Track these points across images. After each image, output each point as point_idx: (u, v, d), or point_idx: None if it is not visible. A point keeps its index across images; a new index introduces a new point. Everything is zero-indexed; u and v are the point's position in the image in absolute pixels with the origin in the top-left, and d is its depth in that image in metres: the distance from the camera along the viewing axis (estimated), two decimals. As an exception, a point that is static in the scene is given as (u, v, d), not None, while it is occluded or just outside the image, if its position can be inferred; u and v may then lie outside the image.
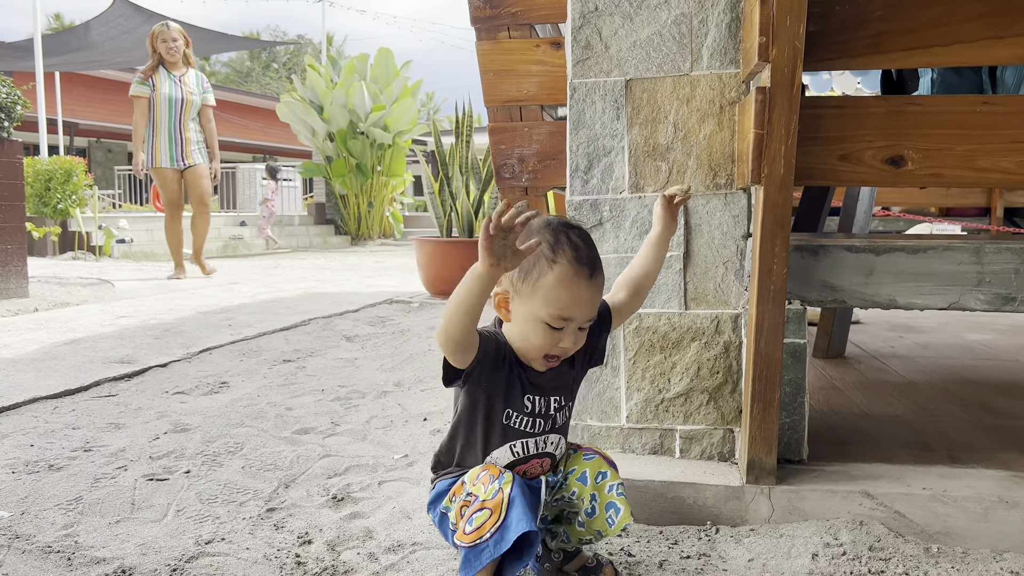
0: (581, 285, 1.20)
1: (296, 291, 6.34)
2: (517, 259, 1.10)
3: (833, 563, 1.45)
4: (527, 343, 1.23)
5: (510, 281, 1.23)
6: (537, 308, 1.20)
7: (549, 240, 1.20)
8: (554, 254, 1.20)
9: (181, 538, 1.59)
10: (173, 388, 2.86)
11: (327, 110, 14.96)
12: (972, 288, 1.62)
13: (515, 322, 1.24)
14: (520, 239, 1.12)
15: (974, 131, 1.55)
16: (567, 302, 1.19)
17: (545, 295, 1.19)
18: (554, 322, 1.20)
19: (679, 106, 1.74)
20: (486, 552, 1.15)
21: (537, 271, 1.19)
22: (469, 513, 1.18)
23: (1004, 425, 2.07)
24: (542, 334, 1.21)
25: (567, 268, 1.19)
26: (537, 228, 1.22)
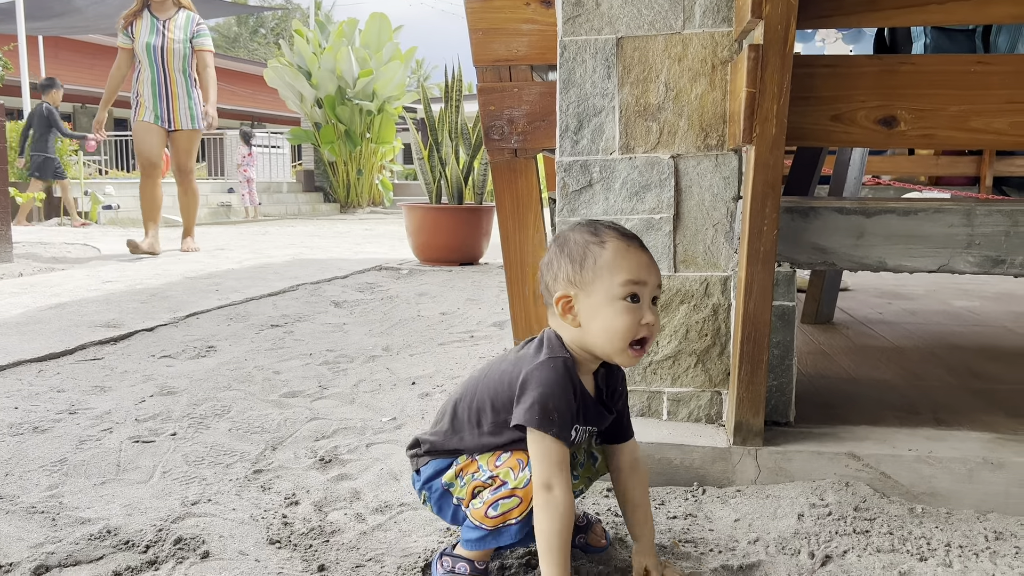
0: (637, 250, 1.18)
1: (284, 257, 6.30)
2: None
3: (819, 523, 1.46)
4: (611, 331, 1.16)
5: (567, 282, 1.18)
6: (607, 285, 1.15)
7: (586, 231, 1.20)
8: (599, 236, 1.18)
9: (167, 499, 1.59)
10: (159, 352, 2.84)
11: (315, 75, 14.79)
12: (962, 251, 1.62)
13: (589, 317, 1.17)
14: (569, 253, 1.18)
15: (967, 91, 1.53)
16: (633, 265, 1.16)
17: (609, 268, 1.15)
18: (629, 289, 1.15)
19: (671, 65, 1.72)
20: (506, 536, 1.14)
21: (591, 257, 1.17)
22: (495, 498, 1.15)
23: (990, 389, 2.08)
24: (623, 312, 1.15)
25: (618, 241, 1.17)
26: (567, 232, 1.22)
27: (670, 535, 1.44)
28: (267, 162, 17.63)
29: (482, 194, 6.15)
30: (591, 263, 1.16)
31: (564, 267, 1.18)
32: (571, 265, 1.18)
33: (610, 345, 1.16)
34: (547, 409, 1.12)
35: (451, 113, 5.88)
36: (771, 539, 1.41)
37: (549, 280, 1.21)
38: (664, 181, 1.75)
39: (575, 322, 1.18)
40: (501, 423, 1.19)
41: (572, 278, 1.18)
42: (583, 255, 1.17)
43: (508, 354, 1.27)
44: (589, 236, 1.19)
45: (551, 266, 1.21)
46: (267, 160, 17.66)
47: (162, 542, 1.39)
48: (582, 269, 1.17)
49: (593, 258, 1.16)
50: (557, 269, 1.20)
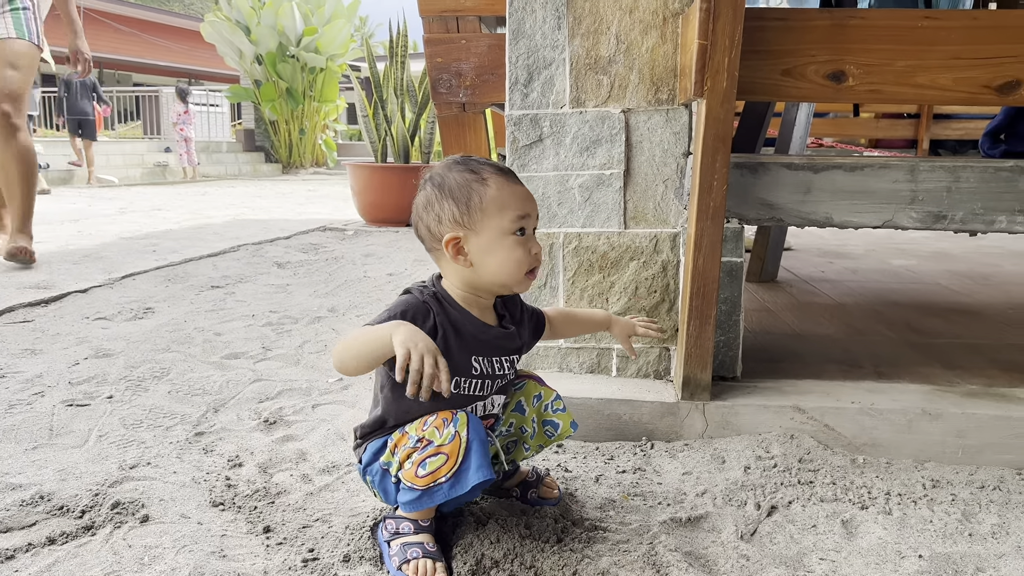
0: (516, 183, 1.19)
1: (224, 218, 6.14)
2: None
3: (764, 475, 1.48)
4: (505, 265, 1.17)
5: (454, 222, 1.16)
6: (497, 222, 1.16)
7: (463, 170, 1.18)
8: (479, 174, 1.17)
9: (104, 463, 1.53)
10: (94, 314, 2.74)
11: (254, 31, 14.32)
12: (906, 206, 1.64)
13: (482, 256, 1.17)
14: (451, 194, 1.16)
15: (915, 46, 1.54)
16: (519, 200, 1.17)
17: (497, 205, 1.15)
18: (518, 224, 1.16)
19: (622, 16, 1.69)
20: (439, 493, 1.12)
21: (476, 196, 1.16)
22: (422, 457, 1.13)
23: (927, 343, 2.13)
24: (515, 245, 1.17)
25: (498, 176, 1.18)
26: (442, 170, 1.20)
27: (619, 489, 1.44)
28: (205, 121, 17.08)
29: (429, 153, 6.06)
30: (477, 202, 1.15)
31: (448, 208, 1.16)
32: (456, 206, 1.16)
33: (509, 277, 1.19)
34: (376, 319, 1.14)
35: (396, 69, 5.75)
36: (718, 491, 1.43)
37: (431, 222, 1.18)
38: (615, 136, 1.73)
39: (467, 263, 1.17)
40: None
41: (459, 219, 1.16)
42: (467, 195, 1.16)
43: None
44: (468, 174, 1.17)
45: (431, 207, 1.18)
46: (205, 119, 17.10)
47: (99, 507, 1.34)
48: (468, 209, 1.15)
49: (478, 197, 1.15)
50: (440, 211, 1.17)
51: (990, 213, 1.64)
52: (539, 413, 1.33)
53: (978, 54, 1.53)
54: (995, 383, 1.76)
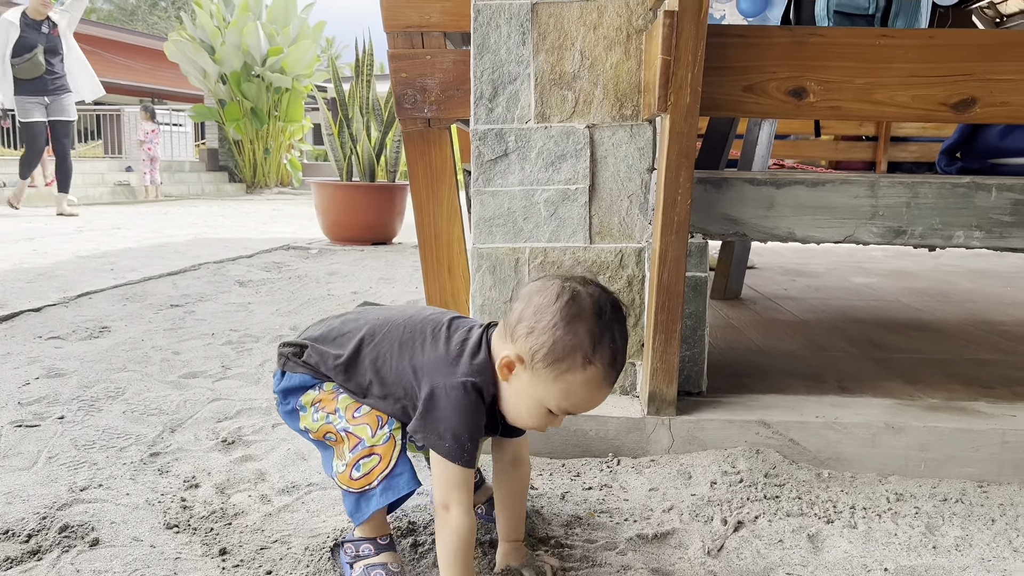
0: (603, 390, 1.08)
1: (186, 237, 6.04)
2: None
3: (731, 490, 1.48)
4: (519, 417, 1.11)
5: (530, 355, 1.05)
6: (549, 396, 1.07)
7: (594, 332, 1.04)
8: (593, 353, 1.04)
9: (53, 486, 1.48)
10: (47, 333, 2.66)
11: (219, 51, 14.21)
12: (866, 221, 1.66)
13: (514, 392, 1.10)
14: (557, 339, 1.03)
15: (873, 64, 1.56)
16: (583, 401, 1.08)
17: (566, 389, 1.05)
18: (559, 412, 1.09)
19: (586, 32, 1.69)
20: (374, 499, 1.11)
21: (568, 363, 1.04)
22: (355, 458, 1.12)
23: (889, 358, 2.15)
24: (540, 416, 1.09)
25: (600, 373, 1.05)
26: (588, 310, 1.05)
27: (586, 506, 1.42)
28: (168, 140, 16.86)
29: (395, 172, 6.04)
30: (559, 370, 1.05)
31: (541, 343, 1.04)
32: (547, 353, 1.04)
33: (514, 420, 1.13)
34: (459, 439, 1.06)
35: (362, 88, 5.73)
36: (685, 507, 1.42)
37: (520, 323, 1.07)
38: (580, 151, 1.73)
39: (505, 377, 1.10)
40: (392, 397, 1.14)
41: (534, 359, 1.05)
42: (563, 356, 1.04)
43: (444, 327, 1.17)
44: (588, 343, 1.04)
45: (537, 320, 1.06)
46: (168, 138, 16.89)
47: (46, 530, 1.29)
48: (548, 365, 1.05)
49: (566, 367, 1.04)
50: (533, 334, 1.05)
51: (948, 228, 1.66)
52: None
53: (935, 72, 1.56)
54: (956, 397, 1.78)
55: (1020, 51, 1.57)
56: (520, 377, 1.08)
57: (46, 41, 7.38)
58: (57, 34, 7.50)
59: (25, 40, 7.27)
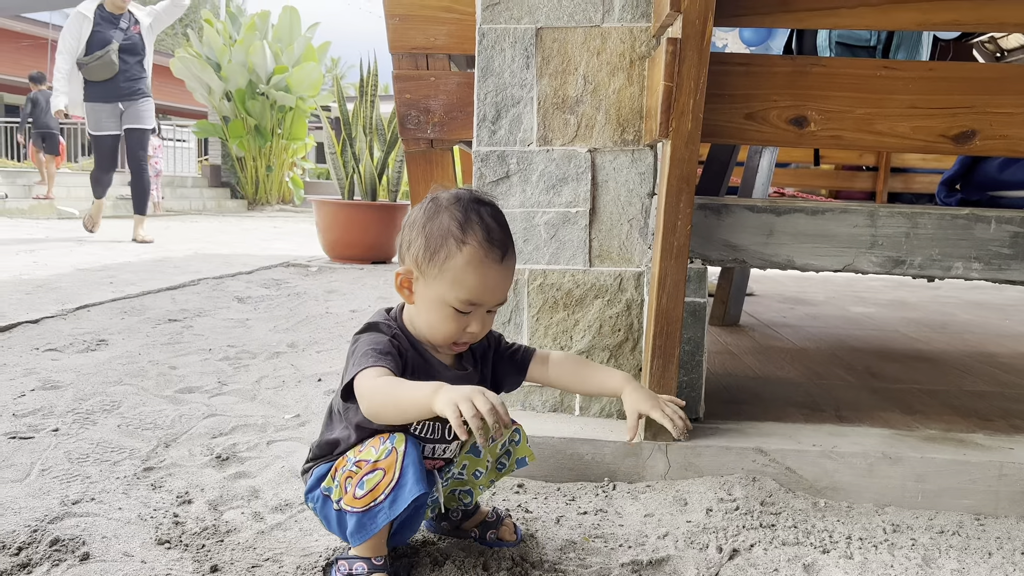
0: (491, 268, 1.11)
1: (186, 252, 6.05)
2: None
3: (727, 518, 1.47)
4: (434, 330, 1.14)
5: (414, 260, 1.12)
6: (444, 291, 1.10)
7: (458, 218, 1.10)
8: (463, 233, 1.09)
9: (45, 498, 1.46)
10: (44, 345, 2.66)
11: (225, 68, 14.32)
12: (866, 251, 1.66)
13: (420, 306, 1.14)
14: (428, 232, 1.10)
15: (873, 95, 1.58)
16: (476, 285, 1.10)
17: (453, 277, 1.09)
18: (462, 306, 1.11)
19: (589, 58, 1.71)
20: (381, 514, 1.08)
21: (444, 251, 1.09)
22: (359, 477, 1.10)
23: (887, 388, 2.15)
24: (450, 318, 1.12)
25: (477, 250, 1.09)
26: (445, 202, 1.13)
27: (581, 531, 1.41)
28: (172, 156, 16.94)
29: (396, 192, 6.06)
30: (441, 258, 1.10)
31: (418, 244, 1.12)
32: (424, 249, 1.11)
33: (431, 338, 1.16)
34: (366, 355, 1.08)
35: (366, 108, 5.77)
36: (680, 534, 1.41)
37: (403, 243, 1.15)
38: (581, 175, 1.73)
39: (410, 299, 1.16)
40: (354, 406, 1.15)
41: (419, 261, 1.12)
42: (438, 245, 1.10)
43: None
44: (455, 227, 1.10)
45: (411, 229, 1.14)
46: (171, 153, 16.97)
47: (37, 543, 1.28)
48: (430, 260, 1.11)
49: (446, 254, 1.10)
50: (412, 239, 1.13)
51: (947, 259, 1.67)
52: (494, 453, 1.31)
53: (934, 104, 1.58)
54: (953, 428, 1.78)
55: (1020, 85, 1.58)
56: (418, 290, 1.14)
57: (123, 38, 6.38)
58: (138, 32, 6.49)
59: (98, 36, 6.27)
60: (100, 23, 6.28)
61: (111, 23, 6.32)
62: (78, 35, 6.18)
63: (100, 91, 6.29)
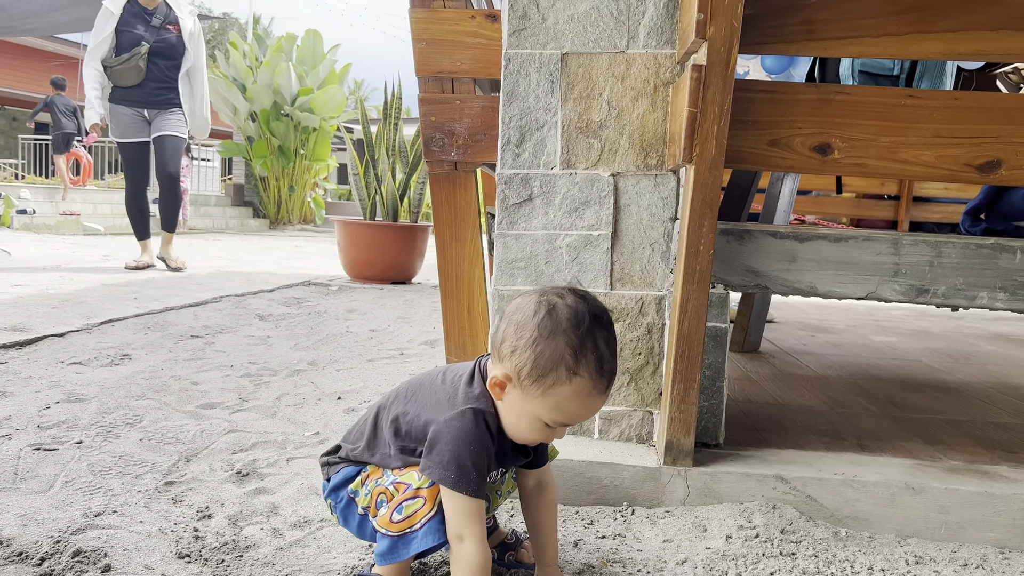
0: (596, 398, 1.08)
1: (209, 269, 6.11)
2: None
3: (746, 545, 1.46)
4: (517, 434, 1.12)
5: (516, 373, 1.06)
6: (541, 411, 1.07)
7: (574, 343, 1.04)
8: (576, 364, 1.04)
9: (68, 510, 1.48)
10: (69, 358, 2.69)
11: (250, 89, 14.54)
12: (889, 279, 1.65)
13: (509, 410, 1.11)
14: (539, 353, 1.05)
15: (898, 123, 1.58)
16: (576, 412, 1.08)
17: (555, 403, 1.06)
18: (554, 425, 1.10)
19: (614, 83, 1.72)
20: (415, 543, 1.08)
21: (553, 377, 1.05)
22: (399, 500, 1.10)
23: (909, 418, 2.13)
24: (538, 431, 1.11)
25: (587, 382, 1.05)
26: (564, 322, 1.05)
27: (599, 555, 1.41)
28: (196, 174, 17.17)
29: (418, 213, 6.10)
30: (547, 384, 1.05)
31: (524, 359, 1.06)
32: (531, 369, 1.05)
33: (511, 435, 1.14)
34: (463, 468, 1.06)
35: (389, 130, 5.83)
36: (699, 560, 1.40)
37: (504, 344, 1.09)
38: (604, 198, 1.74)
39: (499, 396, 1.11)
40: (412, 451, 1.15)
41: (522, 377, 1.06)
42: (547, 371, 1.05)
43: (440, 375, 1.21)
44: (570, 355, 1.05)
45: (517, 337, 1.07)
46: (196, 172, 17.20)
47: (59, 554, 1.29)
48: (534, 381, 1.06)
49: (552, 382, 1.05)
50: (517, 348, 1.07)
51: (972, 289, 1.66)
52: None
53: (959, 133, 1.58)
54: (977, 460, 1.76)
55: (1045, 116, 1.58)
56: (511, 395, 1.09)
57: (154, 37, 5.40)
58: (178, 32, 5.50)
59: (127, 35, 5.35)
60: (129, 20, 5.37)
61: (143, 20, 5.41)
62: (101, 34, 5.34)
63: (125, 95, 5.47)
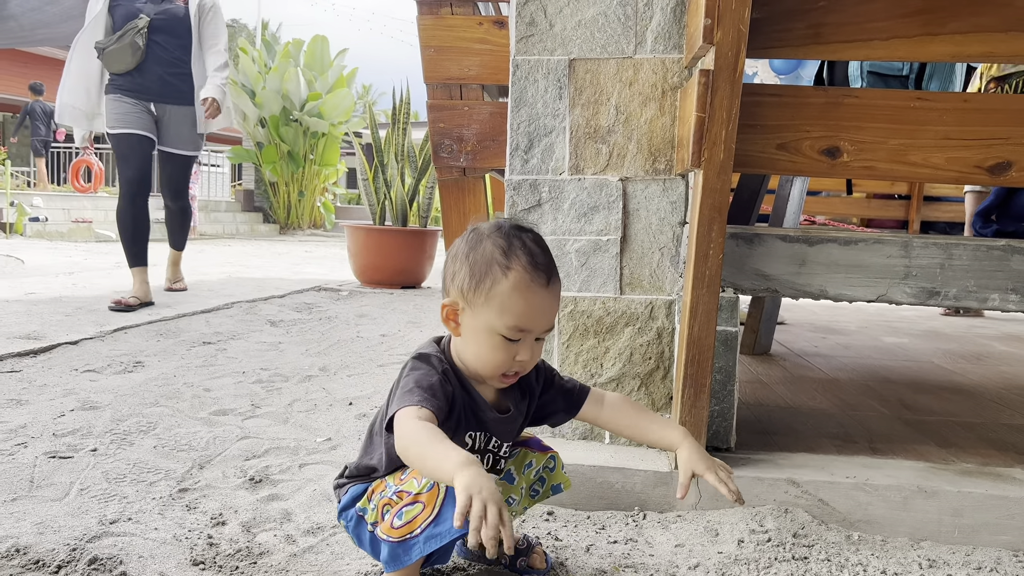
0: (538, 292, 1.10)
1: (220, 275, 6.14)
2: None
3: (758, 549, 1.45)
4: (482, 360, 1.14)
5: (459, 291, 1.11)
6: (492, 319, 1.09)
7: (501, 245, 1.10)
8: (507, 260, 1.09)
9: (83, 517, 1.49)
10: (83, 366, 2.71)
11: (259, 95, 14.61)
12: (899, 281, 1.65)
13: (467, 337, 1.14)
14: (472, 262, 1.10)
15: (907, 126, 1.58)
16: (523, 311, 1.09)
17: (500, 304, 1.09)
18: (511, 333, 1.10)
19: (622, 89, 1.73)
20: (416, 548, 1.08)
21: (490, 279, 1.09)
22: (398, 507, 1.11)
23: (922, 420, 2.12)
24: (498, 348, 1.11)
25: (522, 274, 1.09)
26: (487, 231, 1.13)
27: (610, 559, 1.41)
28: (205, 180, 17.27)
29: (427, 218, 6.12)
30: (487, 286, 1.09)
31: (462, 275, 1.12)
32: (468, 278, 1.11)
33: (480, 370, 1.15)
34: (410, 392, 1.08)
35: (398, 135, 5.85)
36: (711, 565, 1.40)
37: (447, 276, 1.15)
38: (612, 203, 1.75)
39: (456, 331, 1.15)
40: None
41: (464, 291, 1.11)
42: (483, 273, 1.10)
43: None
44: (499, 253, 1.10)
45: (454, 261, 1.14)
46: (205, 178, 17.29)
47: (75, 561, 1.30)
48: (476, 288, 1.10)
49: (491, 282, 1.09)
50: (456, 270, 1.13)
51: (983, 291, 1.65)
52: (528, 480, 1.31)
53: (969, 135, 1.57)
54: (991, 462, 1.75)
55: (1055, 117, 1.57)
56: (465, 321, 1.13)
57: (154, 11, 4.14)
58: (184, 5, 4.24)
59: (121, 9, 4.13)
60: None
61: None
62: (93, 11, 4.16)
63: (123, 83, 4.15)
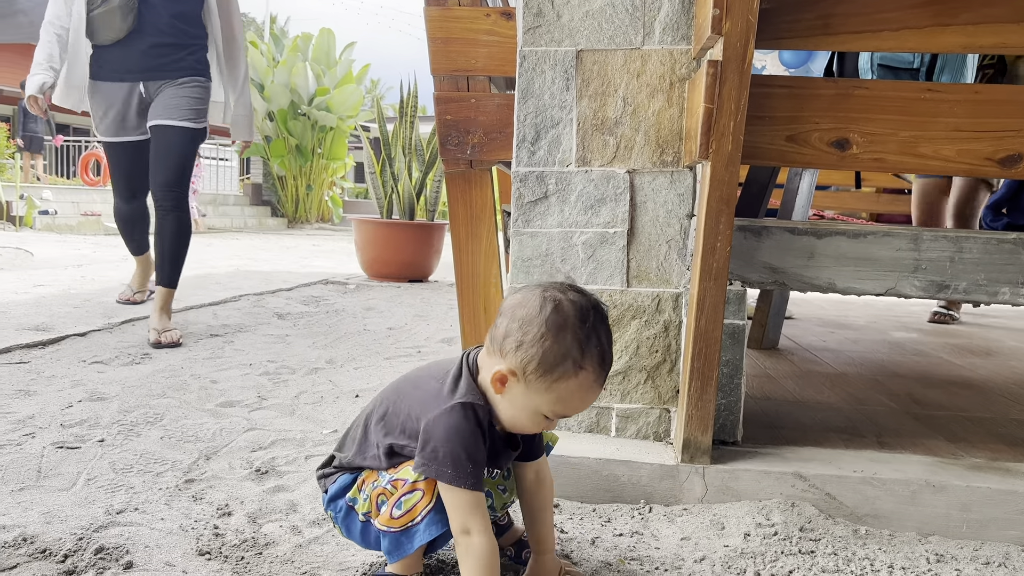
0: (596, 390, 1.12)
1: (228, 268, 6.16)
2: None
3: (765, 543, 1.45)
4: (516, 425, 1.14)
5: (521, 368, 1.08)
6: (543, 404, 1.10)
7: (580, 338, 1.07)
8: (583, 358, 1.08)
9: (90, 507, 1.50)
10: (91, 357, 2.72)
11: (268, 89, 14.62)
12: (909, 274, 1.64)
13: (509, 403, 1.12)
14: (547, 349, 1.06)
15: (917, 117, 1.56)
16: (577, 404, 1.11)
17: (558, 396, 1.09)
18: (555, 416, 1.12)
19: (629, 80, 1.72)
20: (418, 535, 1.09)
21: (559, 371, 1.07)
22: (397, 496, 1.11)
23: (930, 415, 2.11)
24: (538, 424, 1.13)
25: (590, 374, 1.09)
26: (571, 319, 1.07)
27: (616, 552, 1.41)
28: (214, 174, 17.30)
29: (434, 211, 6.11)
30: (553, 378, 1.07)
31: (530, 355, 1.07)
32: (538, 364, 1.07)
33: (509, 428, 1.15)
34: (458, 462, 1.07)
35: (405, 129, 5.84)
36: (717, 558, 1.39)
37: (510, 342, 1.09)
38: (619, 195, 1.74)
39: (499, 391, 1.11)
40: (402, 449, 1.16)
41: (527, 372, 1.08)
42: (555, 364, 1.07)
43: (427, 371, 1.22)
44: (576, 349, 1.07)
45: (522, 332, 1.08)
46: (214, 172, 17.33)
47: (82, 551, 1.31)
48: (541, 376, 1.07)
49: (558, 376, 1.07)
50: (523, 343, 1.07)
51: (993, 284, 1.64)
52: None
53: (980, 127, 1.56)
54: (1000, 457, 1.74)
55: (1068, 108, 1.56)
56: (514, 390, 1.11)
57: None
58: None
59: None
60: None
61: None
62: None
63: (109, 59, 3.28)
